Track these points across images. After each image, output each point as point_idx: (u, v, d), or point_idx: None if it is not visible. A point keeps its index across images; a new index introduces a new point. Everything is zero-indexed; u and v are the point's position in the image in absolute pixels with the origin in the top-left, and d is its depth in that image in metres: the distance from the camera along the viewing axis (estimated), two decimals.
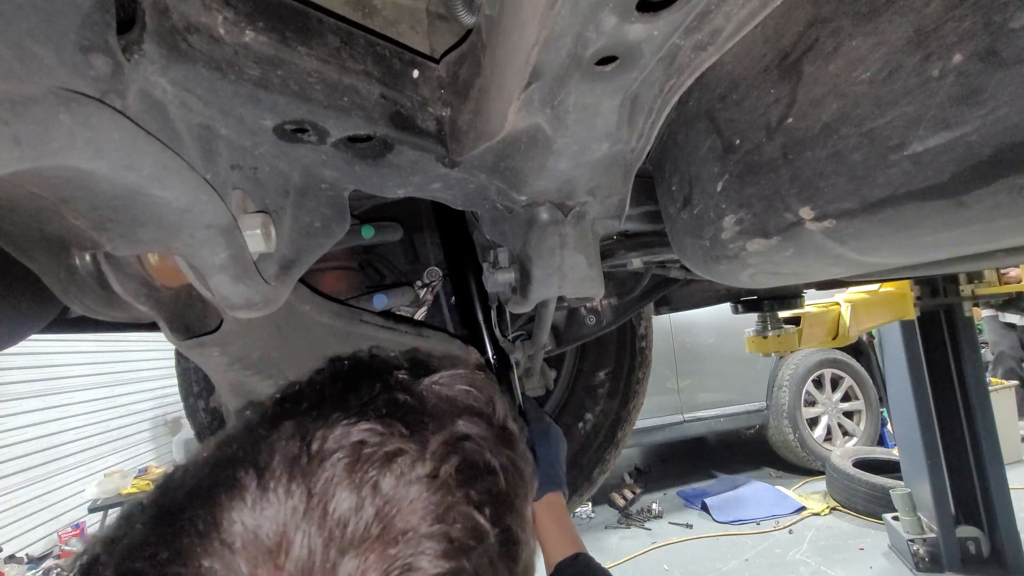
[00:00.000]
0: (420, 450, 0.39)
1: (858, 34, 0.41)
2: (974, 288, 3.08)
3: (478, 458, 0.41)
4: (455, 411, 0.44)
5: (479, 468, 0.41)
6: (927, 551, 3.17)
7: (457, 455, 0.40)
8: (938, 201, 0.41)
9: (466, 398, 0.46)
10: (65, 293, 0.50)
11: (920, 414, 3.22)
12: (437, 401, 0.44)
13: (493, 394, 0.49)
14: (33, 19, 0.31)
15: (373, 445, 0.38)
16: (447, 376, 0.47)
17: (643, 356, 1.89)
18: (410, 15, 0.60)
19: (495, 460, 0.42)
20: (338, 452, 0.37)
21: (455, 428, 0.42)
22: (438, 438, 0.40)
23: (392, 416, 0.40)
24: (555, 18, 0.35)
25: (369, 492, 0.36)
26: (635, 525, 4.28)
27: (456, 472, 0.39)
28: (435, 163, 0.59)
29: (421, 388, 0.45)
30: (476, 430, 0.43)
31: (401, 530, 0.35)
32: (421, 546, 0.34)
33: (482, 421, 0.44)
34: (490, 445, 0.43)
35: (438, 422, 0.42)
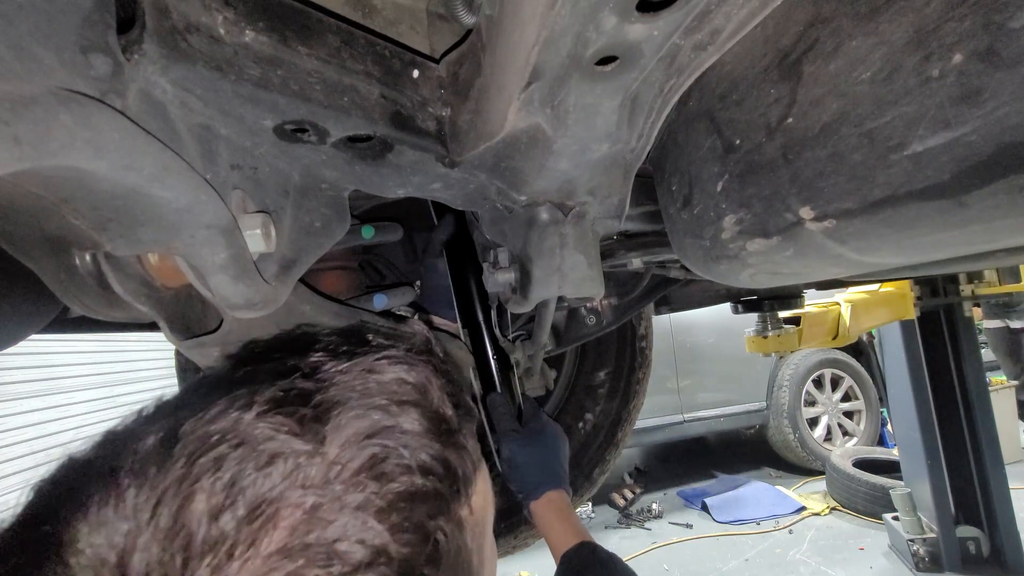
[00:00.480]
0: (313, 450, 0.33)
1: (858, 34, 0.41)
2: (974, 288, 3.08)
3: (389, 456, 0.36)
4: (371, 401, 0.38)
5: (389, 468, 0.35)
6: (927, 551, 3.17)
7: (361, 454, 0.35)
8: (938, 201, 0.41)
9: (391, 384, 0.40)
10: (65, 293, 0.50)
11: (920, 414, 3.22)
12: (347, 390, 0.38)
13: (429, 376, 0.42)
14: (33, 19, 0.31)
15: (252, 443, 0.32)
16: (375, 358, 0.41)
17: (643, 356, 1.89)
18: (410, 15, 0.60)
19: (414, 458, 0.36)
20: (206, 452, 0.32)
21: (364, 423, 0.36)
22: (339, 436, 0.35)
23: (284, 409, 0.35)
24: (555, 18, 0.35)
25: (235, 497, 0.30)
26: (635, 525, 4.28)
27: (355, 475, 0.33)
28: (435, 163, 0.59)
29: (334, 373, 0.39)
30: (393, 423, 0.37)
31: (275, 546, 0.29)
32: (297, 567, 0.29)
33: (406, 411, 0.39)
34: (409, 440, 0.37)
35: (343, 416, 0.36)
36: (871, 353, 5.18)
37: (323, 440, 0.34)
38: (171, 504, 0.30)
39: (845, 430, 5.01)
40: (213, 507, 0.30)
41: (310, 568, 0.29)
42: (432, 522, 0.36)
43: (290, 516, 0.31)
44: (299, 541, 0.30)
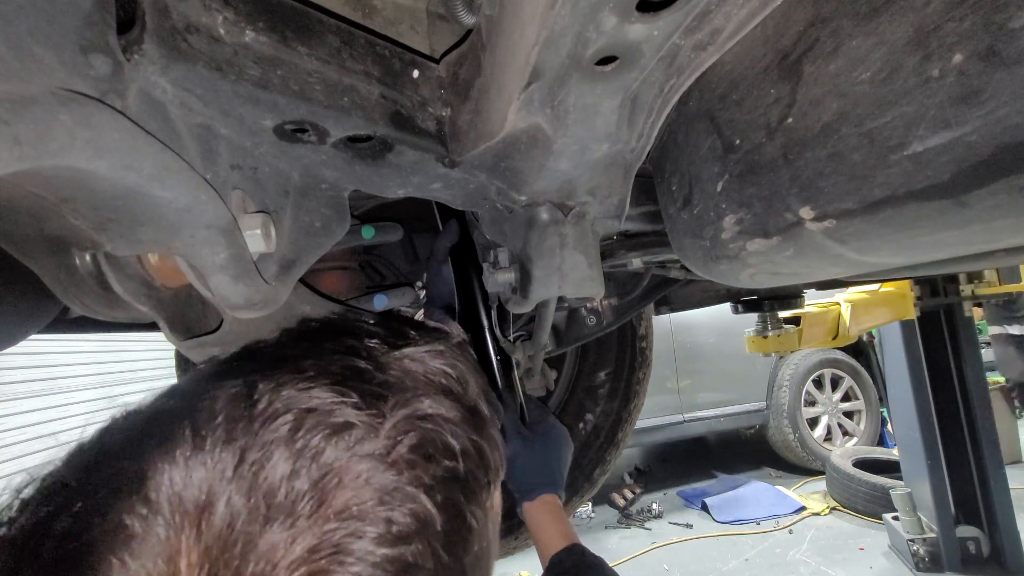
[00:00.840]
0: (373, 425, 0.36)
1: (858, 34, 0.41)
2: (974, 288, 3.08)
3: (437, 439, 0.38)
4: (420, 388, 0.41)
5: (437, 450, 0.38)
6: (927, 551, 3.17)
7: (414, 434, 0.37)
8: (938, 201, 0.41)
9: (436, 375, 0.43)
10: (65, 293, 0.50)
11: (920, 414, 3.22)
12: (402, 375, 0.41)
13: (467, 373, 0.46)
14: (33, 19, 0.31)
15: (322, 412, 0.35)
16: (421, 351, 0.44)
17: (643, 356, 1.89)
18: (410, 15, 0.60)
19: (456, 443, 0.39)
20: (283, 415, 0.34)
21: (417, 406, 0.39)
22: (396, 414, 0.37)
23: (349, 384, 0.37)
24: (555, 18, 0.35)
25: (308, 461, 0.33)
26: (635, 525, 4.28)
27: (409, 452, 0.36)
28: (435, 163, 0.59)
29: (389, 359, 0.42)
30: (440, 410, 0.40)
31: (338, 508, 0.32)
32: (357, 527, 0.32)
33: (449, 401, 0.41)
34: (453, 427, 0.40)
35: (399, 397, 0.39)
36: (871, 353, 5.18)
37: (382, 416, 0.37)
38: (253, 461, 0.32)
39: (845, 430, 5.01)
40: (291, 468, 0.32)
41: (368, 529, 0.32)
42: (468, 506, 0.39)
43: (352, 483, 0.33)
44: (359, 506, 0.32)
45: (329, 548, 0.30)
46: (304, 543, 0.30)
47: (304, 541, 0.30)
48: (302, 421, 0.34)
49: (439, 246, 1.02)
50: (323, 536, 0.31)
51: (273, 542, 0.30)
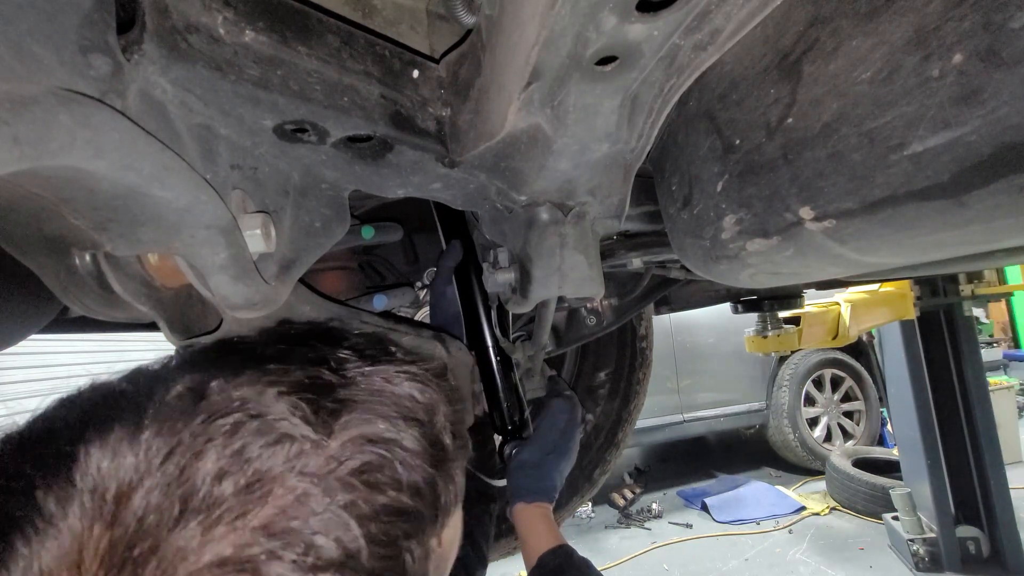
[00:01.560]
0: (319, 442, 0.34)
1: (858, 34, 0.41)
2: (974, 288, 3.08)
3: (385, 467, 0.36)
4: (381, 409, 0.39)
5: (382, 478, 0.36)
6: (927, 551, 3.17)
7: (360, 457, 0.35)
8: (938, 201, 0.41)
9: (403, 399, 0.41)
10: (65, 293, 0.50)
11: (920, 414, 3.22)
12: (367, 394, 0.39)
13: (438, 402, 0.44)
14: (33, 19, 0.31)
15: (268, 420, 0.33)
16: (395, 370, 0.43)
17: (643, 356, 1.89)
18: (410, 15, 0.60)
19: (405, 474, 0.37)
20: (226, 416, 0.33)
21: (371, 429, 0.37)
22: (346, 433, 0.36)
23: (306, 395, 0.36)
24: (555, 18, 0.35)
25: (239, 466, 0.31)
26: (635, 525, 4.28)
27: (351, 475, 0.34)
28: (435, 163, 0.59)
29: (355, 374, 0.41)
30: (397, 436, 0.38)
31: (260, 521, 0.30)
32: (275, 547, 0.30)
33: (410, 429, 0.39)
34: (406, 456, 0.38)
35: (355, 416, 0.37)
36: (871, 353, 5.18)
37: (330, 433, 0.35)
38: (182, 456, 0.31)
39: (845, 430, 5.01)
40: (219, 470, 0.31)
41: (286, 552, 0.30)
42: (406, 542, 0.36)
43: (281, 497, 0.32)
44: (283, 524, 0.31)
45: (238, 563, 0.29)
46: (213, 552, 0.29)
47: (214, 549, 0.29)
48: (244, 424, 0.33)
49: (443, 266, 1.03)
50: (236, 548, 0.29)
51: (180, 545, 0.28)
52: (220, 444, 0.32)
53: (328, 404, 0.37)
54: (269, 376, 0.37)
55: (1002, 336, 9.23)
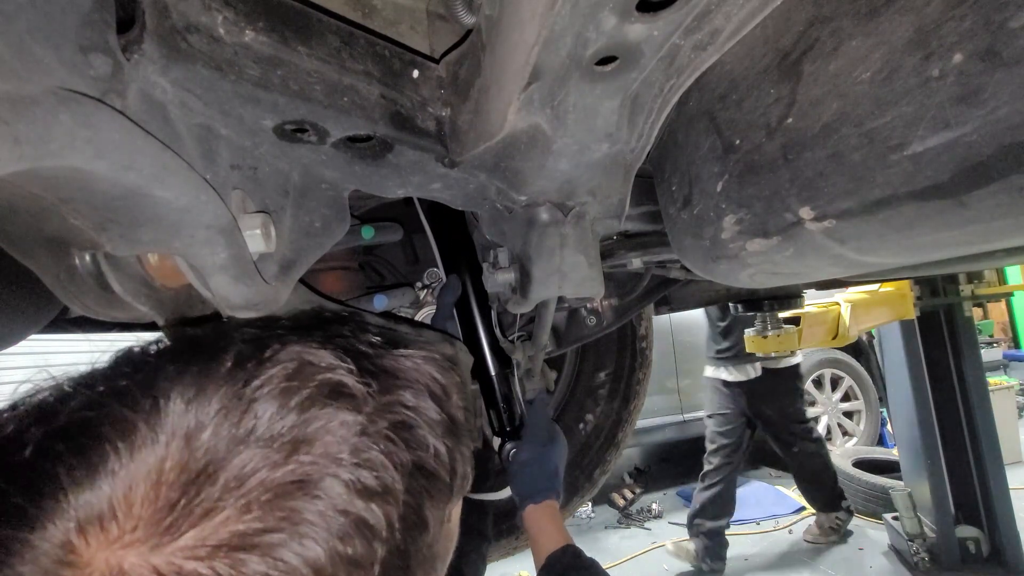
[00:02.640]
0: (363, 397, 0.38)
1: (858, 34, 0.41)
2: (974, 288, 3.08)
3: (416, 429, 0.41)
4: (409, 382, 0.43)
5: (413, 439, 0.40)
6: (927, 551, 3.17)
7: (395, 416, 0.40)
8: (938, 201, 0.41)
9: (424, 378, 0.45)
10: (65, 293, 0.50)
11: (920, 414, 3.22)
12: (395, 367, 0.44)
13: (452, 386, 0.48)
14: (33, 19, 0.31)
15: (320, 368, 0.38)
16: (417, 354, 0.47)
17: (643, 356, 1.89)
18: (410, 15, 0.60)
19: (431, 440, 0.41)
20: (285, 362, 0.37)
21: (403, 395, 0.42)
22: (384, 396, 0.40)
23: (351, 354, 0.40)
24: (555, 18, 0.35)
25: (297, 405, 0.35)
26: (635, 525, 4.28)
27: (388, 430, 0.38)
28: (435, 163, 0.59)
29: (385, 351, 0.45)
30: (423, 407, 0.42)
31: (315, 450, 0.34)
32: (330, 468, 0.34)
33: (433, 403, 0.44)
34: (431, 425, 0.42)
35: (389, 382, 0.41)
36: (871, 353, 5.18)
37: (373, 391, 0.39)
38: (247, 401, 0.34)
39: (845, 430, 5.01)
40: (279, 407, 0.35)
41: (343, 471, 0.34)
42: (429, 500, 0.40)
43: (330, 435, 0.35)
44: (333, 454, 0.35)
45: (300, 475, 0.33)
46: (277, 470, 0.32)
47: (277, 469, 0.32)
48: (301, 369, 0.37)
49: (444, 303, 1.03)
50: (296, 466, 0.33)
51: (245, 461, 0.32)
52: (279, 388, 0.35)
53: (367, 366, 0.41)
54: (317, 340, 0.40)
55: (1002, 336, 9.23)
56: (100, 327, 1.05)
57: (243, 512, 0.31)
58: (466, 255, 1.06)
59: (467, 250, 1.06)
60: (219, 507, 0.31)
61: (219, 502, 0.31)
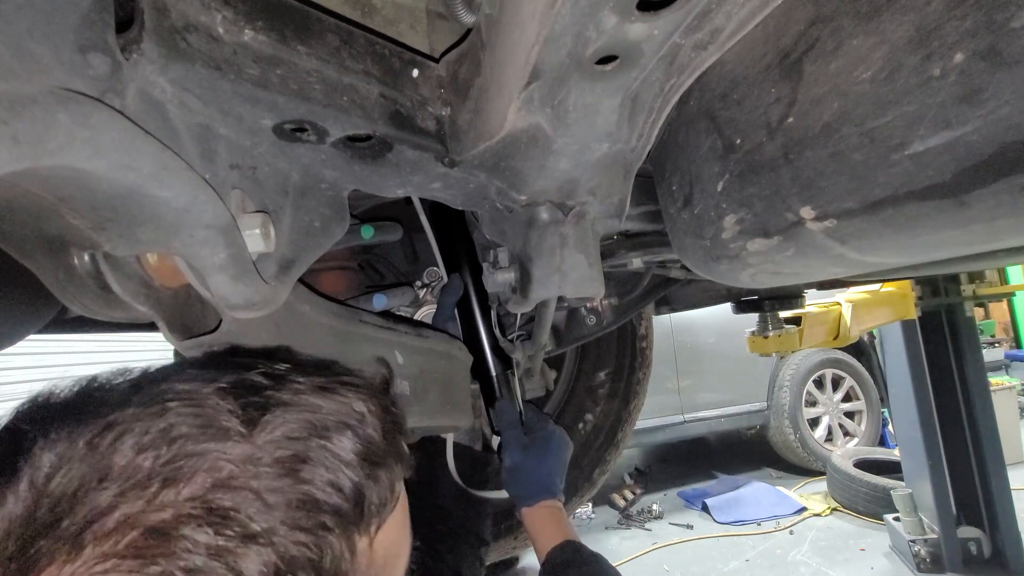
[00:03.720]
0: (245, 432, 0.37)
1: (859, 33, 0.41)
2: (975, 288, 3.08)
3: (309, 462, 0.38)
4: (312, 413, 0.41)
5: (303, 472, 0.38)
6: (928, 552, 3.17)
7: (282, 452, 0.38)
8: (939, 201, 0.41)
9: (338, 405, 0.43)
10: (64, 293, 0.50)
11: (921, 414, 3.22)
12: (297, 396, 0.42)
13: (371, 411, 0.45)
14: (32, 18, 0.31)
15: (196, 404, 0.37)
16: (332, 380, 0.45)
17: (643, 356, 1.89)
18: (410, 14, 0.60)
19: (328, 473, 0.39)
20: (155, 401, 0.36)
21: (296, 426, 0.39)
22: (272, 429, 0.38)
23: (236, 391, 0.39)
24: (555, 17, 0.35)
25: (164, 443, 0.34)
26: (635, 526, 4.27)
27: (272, 465, 0.36)
28: (435, 163, 0.59)
29: (291, 381, 0.43)
30: (326, 437, 0.40)
31: (179, 494, 0.33)
32: (190, 513, 0.32)
33: (343, 433, 0.41)
34: (329, 457, 0.40)
35: (280, 415, 0.39)
36: (872, 353, 5.17)
37: (255, 426, 0.38)
38: (109, 438, 0.34)
39: (846, 430, 5.01)
40: (142, 444, 0.34)
41: (205, 519, 0.32)
42: (324, 534, 0.37)
43: (203, 477, 0.34)
44: (203, 498, 0.33)
45: (150, 527, 0.31)
46: (123, 513, 0.31)
47: (125, 511, 0.31)
48: (171, 409, 0.36)
49: (445, 302, 1.03)
50: (149, 512, 0.31)
51: (93, 506, 0.31)
52: (145, 425, 0.34)
53: (255, 400, 0.39)
54: (205, 377, 0.40)
55: (1004, 336, 9.22)
56: (99, 327, 1.06)
57: (98, 560, 0.29)
58: (467, 255, 1.06)
59: (468, 250, 1.06)
60: (58, 554, 0.29)
61: (64, 548, 0.29)
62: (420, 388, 0.87)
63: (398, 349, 0.85)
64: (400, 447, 0.49)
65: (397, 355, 0.84)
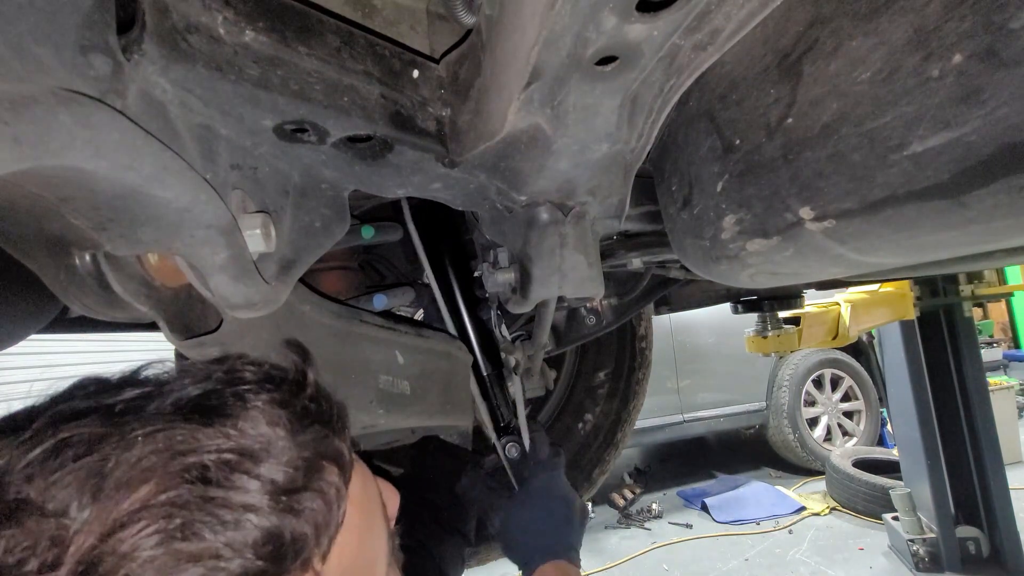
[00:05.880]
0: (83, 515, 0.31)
1: (858, 34, 0.41)
2: (974, 288, 3.08)
3: (195, 527, 0.32)
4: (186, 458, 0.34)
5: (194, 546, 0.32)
6: (927, 551, 3.17)
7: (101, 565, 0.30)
8: (938, 201, 0.41)
9: (226, 446, 0.36)
10: (65, 293, 0.50)
11: (920, 414, 3.22)
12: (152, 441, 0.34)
13: (278, 427, 0.39)
14: (33, 19, 0.31)
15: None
16: (209, 395, 0.39)
17: (643, 356, 1.89)
18: (410, 15, 0.60)
19: (223, 535, 0.32)
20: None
21: (114, 514, 0.32)
22: (89, 532, 0.30)
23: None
24: (555, 18, 0.35)
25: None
26: (635, 525, 4.28)
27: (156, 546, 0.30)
28: (435, 163, 0.59)
29: (138, 414, 0.36)
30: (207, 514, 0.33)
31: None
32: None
33: (240, 480, 0.34)
34: (222, 512, 0.33)
35: (99, 506, 0.31)
36: (871, 353, 5.18)
37: (98, 505, 0.31)
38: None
39: (845, 430, 5.01)
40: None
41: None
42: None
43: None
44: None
45: None
46: None
47: None
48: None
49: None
50: None
51: None
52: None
53: (88, 469, 0.31)
54: (14, 446, 0.33)
55: (1002, 336, 9.23)
56: (100, 327, 1.05)
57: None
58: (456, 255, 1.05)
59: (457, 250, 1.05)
60: None
61: None
62: (421, 388, 0.87)
63: (398, 349, 0.85)
64: (334, 450, 0.42)
65: (398, 355, 0.84)
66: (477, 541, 1.10)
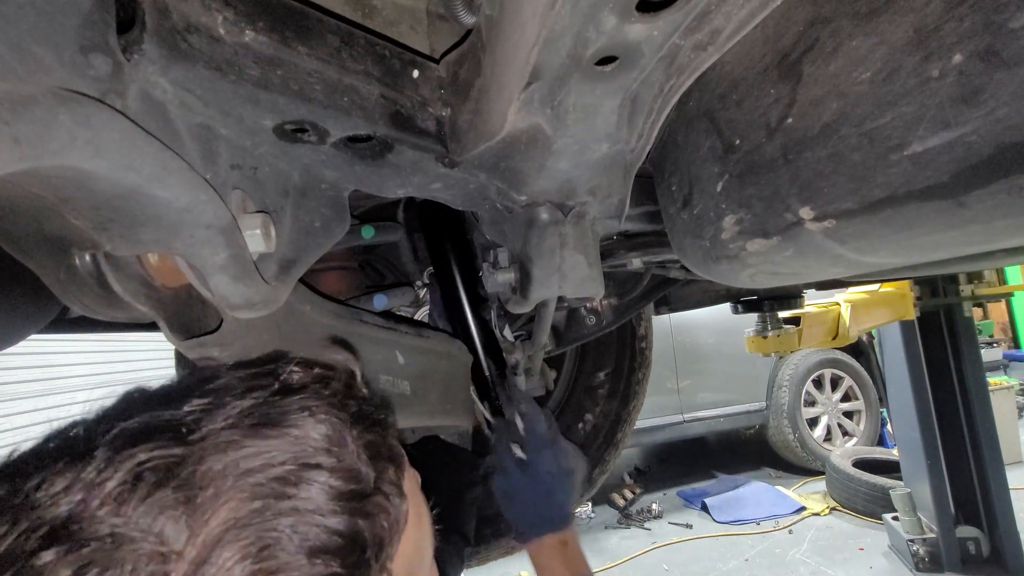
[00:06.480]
0: (167, 551, 0.31)
1: (858, 34, 0.41)
2: (974, 288, 3.08)
3: (275, 544, 0.32)
4: (256, 477, 0.34)
5: (269, 562, 0.31)
6: (927, 551, 3.17)
7: (233, 547, 0.31)
8: (938, 201, 0.41)
9: (295, 443, 0.36)
10: (65, 293, 0.50)
11: (920, 414, 3.22)
12: (232, 451, 0.34)
13: (343, 430, 0.38)
14: (33, 19, 0.31)
15: (95, 542, 0.30)
16: (279, 410, 0.38)
17: (643, 356, 1.89)
18: (410, 15, 0.60)
19: (309, 538, 0.33)
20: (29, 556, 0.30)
21: (243, 505, 0.32)
22: (210, 526, 0.31)
23: (139, 489, 0.32)
24: (555, 18, 0.35)
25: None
26: (635, 525, 4.28)
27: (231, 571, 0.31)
28: (435, 163, 0.59)
29: (220, 428, 0.35)
30: (288, 495, 0.34)
31: None
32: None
33: (313, 477, 0.35)
34: (305, 518, 0.33)
35: (218, 494, 0.32)
36: (871, 353, 5.18)
37: (188, 532, 0.30)
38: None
39: (845, 430, 5.01)
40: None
41: None
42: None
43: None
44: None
45: None
46: None
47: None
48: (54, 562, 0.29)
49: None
50: None
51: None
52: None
53: (172, 495, 0.31)
54: (89, 473, 0.31)
55: (1002, 336, 9.23)
56: (100, 327, 1.05)
57: None
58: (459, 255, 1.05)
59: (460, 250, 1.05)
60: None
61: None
62: (421, 388, 0.87)
63: (399, 349, 0.85)
64: (389, 448, 0.42)
65: (398, 355, 0.84)
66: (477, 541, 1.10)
